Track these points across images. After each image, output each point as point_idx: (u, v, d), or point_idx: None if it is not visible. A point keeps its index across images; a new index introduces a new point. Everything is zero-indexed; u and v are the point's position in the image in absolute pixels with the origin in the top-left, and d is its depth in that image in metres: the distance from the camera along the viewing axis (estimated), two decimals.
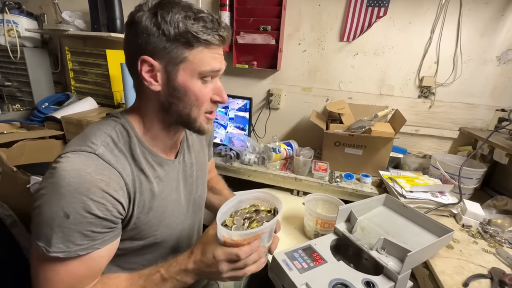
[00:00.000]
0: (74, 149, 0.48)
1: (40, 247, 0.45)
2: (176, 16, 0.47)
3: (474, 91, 1.34)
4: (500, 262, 0.77)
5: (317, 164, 1.30)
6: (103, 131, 0.52)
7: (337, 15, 1.41)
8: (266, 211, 0.56)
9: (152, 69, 0.50)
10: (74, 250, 0.45)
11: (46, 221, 0.44)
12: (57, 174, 0.45)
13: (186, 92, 0.52)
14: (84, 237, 0.46)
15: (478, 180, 1.14)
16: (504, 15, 1.22)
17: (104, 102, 1.79)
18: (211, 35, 0.49)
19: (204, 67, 0.51)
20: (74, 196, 0.44)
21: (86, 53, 1.72)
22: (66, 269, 0.47)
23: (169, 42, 0.48)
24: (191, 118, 0.55)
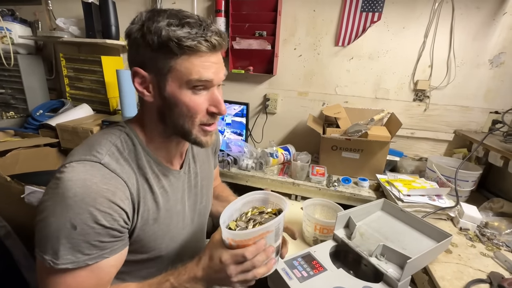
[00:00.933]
0: (79, 159, 0.47)
1: (46, 261, 0.44)
2: (159, 24, 0.45)
3: (468, 94, 1.35)
4: (498, 266, 0.77)
5: (315, 168, 1.30)
6: (108, 140, 0.51)
7: (332, 20, 1.42)
8: (271, 213, 0.56)
9: (144, 80, 0.50)
10: (83, 260, 0.45)
11: (52, 233, 0.44)
12: (62, 185, 0.44)
13: (176, 103, 0.50)
14: (93, 247, 0.45)
15: (474, 183, 1.15)
16: (495, 19, 1.24)
17: (100, 108, 1.78)
18: (196, 41, 0.45)
19: (191, 76, 0.48)
20: (80, 207, 0.43)
21: (81, 59, 1.71)
22: (76, 280, 0.46)
23: (154, 52, 0.47)
24: (185, 130, 0.53)
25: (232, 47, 1.48)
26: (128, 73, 1.50)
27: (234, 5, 1.45)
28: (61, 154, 1.60)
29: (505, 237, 0.91)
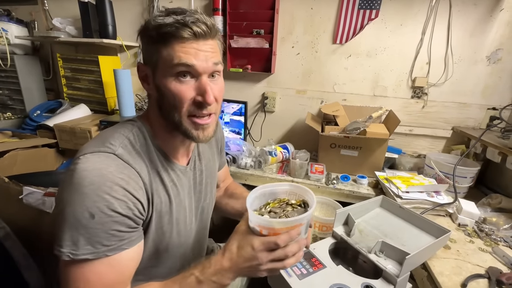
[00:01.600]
0: (92, 151, 0.48)
1: (65, 254, 0.44)
2: (155, 19, 0.49)
3: (466, 90, 1.36)
4: (496, 261, 0.78)
5: (314, 166, 1.30)
6: (121, 133, 0.53)
7: (329, 18, 1.42)
8: (296, 204, 0.56)
9: (145, 74, 0.55)
10: (102, 251, 0.45)
11: (71, 224, 0.44)
12: (77, 175, 0.44)
13: (164, 91, 0.51)
14: (111, 236, 0.46)
15: (472, 179, 1.15)
16: (492, 15, 1.24)
17: (98, 108, 1.77)
18: (174, 27, 0.47)
19: (173, 61, 0.48)
20: (97, 194, 0.44)
21: (78, 59, 1.70)
22: (96, 272, 0.45)
23: (148, 45, 0.52)
24: (175, 121, 0.53)
25: (230, 46, 1.48)
26: (125, 72, 1.51)
27: (232, 4, 1.44)
28: (59, 155, 1.60)
29: (503, 232, 0.91)
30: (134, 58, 1.79)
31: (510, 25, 1.24)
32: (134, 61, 1.79)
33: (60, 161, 1.62)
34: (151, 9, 1.61)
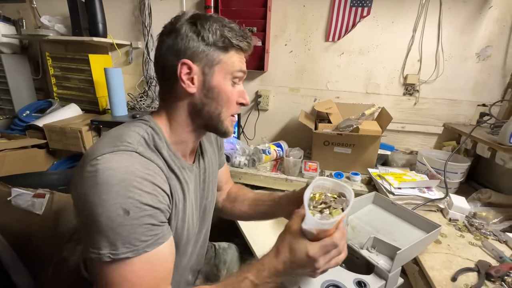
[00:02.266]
0: (111, 150, 0.47)
1: (105, 256, 0.43)
2: (214, 25, 0.53)
3: (456, 87, 1.37)
4: (486, 255, 0.79)
5: (307, 164, 1.30)
6: (136, 131, 0.52)
7: (321, 15, 1.42)
8: (333, 196, 0.56)
9: (190, 72, 0.54)
10: (142, 247, 0.45)
11: (105, 225, 0.43)
12: (102, 175, 0.44)
13: (219, 92, 0.56)
14: (147, 231, 0.46)
15: (462, 174, 1.17)
16: (481, 13, 1.26)
17: (89, 108, 1.74)
18: (242, 42, 0.55)
19: (235, 68, 0.56)
20: (129, 190, 0.44)
21: (68, 58, 1.67)
22: (138, 270, 0.45)
23: (207, 46, 0.53)
24: (220, 119, 0.58)
25: None
26: (116, 71, 1.49)
27: (224, 1, 1.43)
28: (49, 155, 1.57)
29: (492, 226, 0.93)
30: (125, 57, 1.77)
31: (498, 22, 1.26)
32: (125, 60, 1.77)
33: (50, 162, 1.59)
34: (142, 6, 1.59)
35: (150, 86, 1.73)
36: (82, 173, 0.46)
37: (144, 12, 1.59)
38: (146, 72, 1.71)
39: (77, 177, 0.47)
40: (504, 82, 1.32)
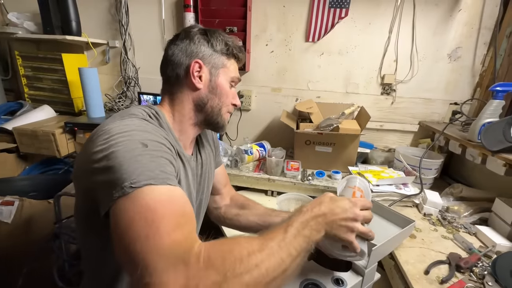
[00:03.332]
0: (121, 119, 0.49)
1: (126, 187, 0.39)
2: (219, 36, 0.64)
3: (430, 87, 1.43)
4: (457, 247, 0.83)
5: (289, 163, 1.31)
6: (141, 109, 0.57)
7: (301, 15, 1.43)
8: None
9: (199, 71, 0.62)
10: (162, 178, 0.43)
11: (125, 159, 0.42)
12: (117, 128, 0.46)
13: (221, 90, 0.64)
14: (166, 165, 0.46)
15: (436, 170, 1.22)
16: (452, 15, 1.32)
17: (64, 110, 1.67)
18: (240, 53, 0.67)
19: (235, 74, 0.67)
20: (145, 131, 0.48)
21: (40, 57, 1.59)
22: (160, 195, 0.41)
23: (215, 52, 0.63)
24: (220, 114, 0.66)
25: None
26: (92, 71, 1.43)
27: (203, 0, 1.41)
28: (20, 160, 1.49)
29: (463, 219, 0.97)
30: (102, 56, 1.70)
31: (467, 25, 1.32)
32: (102, 59, 1.71)
33: (22, 166, 1.51)
34: (119, 4, 1.54)
35: (129, 87, 1.68)
36: (91, 140, 0.47)
37: (121, 11, 1.55)
38: (124, 72, 1.66)
39: (84, 148, 0.49)
40: (473, 81, 1.39)
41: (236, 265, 0.37)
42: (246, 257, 0.38)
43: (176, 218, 0.40)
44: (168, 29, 1.58)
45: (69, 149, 1.44)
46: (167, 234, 0.37)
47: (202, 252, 0.37)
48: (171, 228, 0.38)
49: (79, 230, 0.57)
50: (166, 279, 0.33)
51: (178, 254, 0.36)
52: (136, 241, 0.37)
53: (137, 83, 1.68)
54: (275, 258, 0.40)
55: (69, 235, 1.02)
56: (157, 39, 1.61)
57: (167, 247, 0.36)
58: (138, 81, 1.68)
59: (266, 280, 0.38)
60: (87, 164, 0.45)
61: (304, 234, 0.45)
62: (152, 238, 0.36)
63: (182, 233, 0.39)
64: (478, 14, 1.30)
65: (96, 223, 0.50)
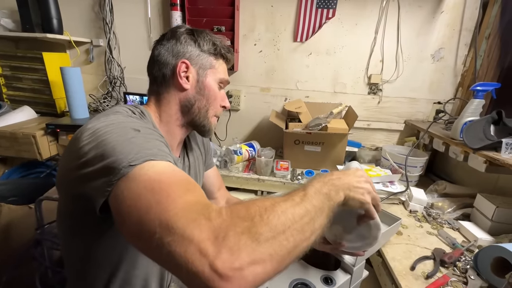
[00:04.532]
0: (105, 117, 0.47)
1: (125, 168, 0.37)
2: (207, 36, 0.63)
3: (415, 86, 1.46)
4: (441, 243, 0.85)
5: (279, 163, 1.31)
6: (123, 109, 0.55)
7: (289, 15, 1.44)
8: None
9: (186, 71, 0.61)
10: (161, 155, 0.41)
11: (117, 141, 0.40)
12: (104, 123, 0.44)
13: (209, 91, 0.63)
14: (162, 146, 0.45)
15: (421, 168, 1.25)
16: (434, 17, 1.35)
17: (45, 111, 1.60)
18: (228, 53, 0.66)
19: (223, 75, 0.66)
20: (133, 122, 0.47)
21: (19, 56, 1.52)
22: (164, 168, 0.39)
23: (202, 52, 0.62)
24: (207, 115, 0.65)
25: None
26: (74, 70, 1.39)
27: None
28: None
29: (447, 215, 1.00)
30: (86, 55, 1.65)
31: (450, 26, 1.36)
32: (86, 59, 1.66)
33: (0, 170, 1.44)
34: (102, 2, 1.49)
35: (114, 87, 1.63)
36: (76, 139, 0.44)
37: (105, 8, 1.50)
38: (109, 71, 1.61)
39: (67, 149, 0.47)
40: (455, 81, 1.44)
41: (262, 212, 0.35)
42: (270, 206, 0.36)
43: (185, 185, 0.38)
44: (154, 28, 1.55)
45: (51, 152, 1.39)
46: (180, 197, 0.35)
47: (223, 208, 0.35)
48: (182, 192, 0.36)
49: (63, 236, 0.55)
50: (191, 234, 0.31)
51: (197, 211, 0.34)
52: (148, 210, 0.34)
53: (123, 83, 1.64)
54: (299, 207, 0.38)
55: (51, 241, 0.98)
56: (143, 38, 1.57)
57: (183, 206, 0.34)
58: (124, 81, 1.64)
59: (295, 227, 0.36)
60: (74, 161, 0.42)
61: (324, 192, 0.43)
62: (165, 202, 0.34)
63: (194, 195, 0.37)
64: (459, 16, 1.34)
65: (86, 225, 0.49)
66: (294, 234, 0.35)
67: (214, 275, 0.29)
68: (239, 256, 0.30)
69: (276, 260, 0.32)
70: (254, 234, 0.32)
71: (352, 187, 0.48)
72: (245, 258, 0.30)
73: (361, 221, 0.56)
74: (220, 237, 0.31)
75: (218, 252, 0.30)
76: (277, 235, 0.33)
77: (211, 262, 0.29)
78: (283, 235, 0.34)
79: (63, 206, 0.52)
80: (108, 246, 0.51)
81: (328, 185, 0.45)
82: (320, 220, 0.40)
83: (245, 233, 0.32)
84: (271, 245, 0.32)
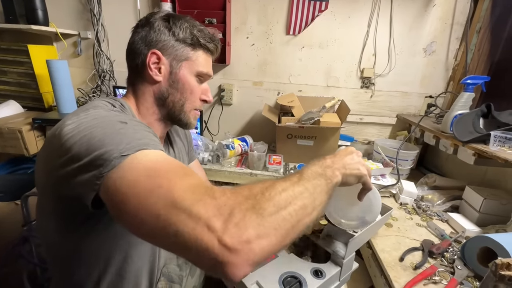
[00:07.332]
0: (85, 112, 0.44)
1: (116, 159, 0.36)
2: (185, 24, 0.58)
3: (407, 80, 1.47)
4: (430, 234, 0.86)
5: (271, 157, 1.31)
6: (103, 101, 0.52)
7: (281, 8, 1.42)
8: None
9: (158, 62, 0.57)
10: (152, 144, 0.40)
11: (105, 135, 0.39)
12: (86, 118, 0.42)
13: (184, 84, 0.60)
14: (153, 136, 0.44)
15: (412, 161, 1.26)
16: (427, 11, 1.35)
17: (32, 105, 1.56)
18: (210, 43, 0.61)
19: (202, 68, 0.61)
20: (118, 113, 0.46)
21: (3, 49, 1.47)
22: (157, 156, 0.38)
23: (177, 42, 0.57)
24: (183, 110, 0.62)
25: None
26: (61, 63, 1.35)
27: None
28: None
29: (436, 207, 1.02)
30: (73, 48, 1.61)
31: (441, 20, 1.36)
32: (73, 51, 1.61)
33: None
34: None
35: (104, 81, 1.59)
36: (54, 136, 0.42)
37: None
38: (98, 65, 1.57)
39: (45, 147, 0.46)
40: (447, 75, 1.45)
41: (264, 190, 0.36)
42: (271, 185, 0.38)
43: (182, 171, 0.37)
44: None
45: (39, 147, 1.36)
46: (181, 180, 0.35)
47: (226, 189, 0.36)
48: (181, 176, 0.36)
49: (47, 236, 0.53)
50: (198, 212, 0.31)
51: (201, 191, 0.34)
52: (148, 195, 0.33)
53: (112, 76, 1.60)
54: (298, 185, 0.40)
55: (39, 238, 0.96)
56: None
57: (187, 187, 0.34)
58: (114, 74, 1.60)
59: (296, 202, 0.37)
60: (55, 160, 0.40)
61: (320, 172, 0.45)
62: (166, 185, 0.34)
63: (194, 179, 0.37)
64: (451, 10, 1.34)
65: (72, 225, 0.47)
66: (297, 209, 0.36)
67: (223, 249, 0.30)
68: (246, 230, 0.31)
69: (281, 234, 0.34)
70: (258, 210, 0.33)
71: (347, 165, 0.50)
72: (251, 232, 0.31)
73: (361, 196, 0.59)
74: (226, 214, 0.32)
75: (226, 227, 0.31)
76: (280, 210, 0.35)
77: (220, 237, 0.30)
78: (285, 210, 0.35)
79: (47, 207, 0.50)
80: (97, 243, 0.50)
81: (322, 167, 0.47)
82: (320, 197, 0.42)
83: (249, 209, 0.33)
84: (275, 219, 0.34)
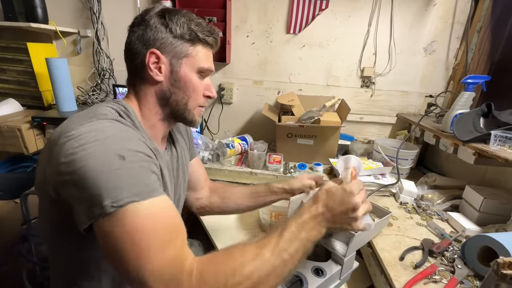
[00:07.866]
0: (89, 121, 0.44)
1: (107, 206, 0.37)
2: (181, 19, 0.55)
3: (407, 80, 1.47)
4: (430, 233, 0.86)
5: (271, 156, 1.31)
6: (109, 107, 0.51)
7: (282, 7, 1.41)
8: None
9: (157, 61, 0.55)
10: (146, 192, 0.41)
11: (101, 172, 0.39)
12: (87, 136, 0.41)
13: (186, 83, 0.58)
14: (147, 175, 0.43)
15: (412, 160, 1.26)
16: (427, 10, 1.35)
17: (32, 103, 1.56)
18: (209, 37, 0.58)
19: (203, 63, 0.58)
20: (122, 139, 0.44)
21: (2, 47, 1.47)
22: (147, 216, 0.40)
23: (175, 39, 0.55)
24: (187, 109, 0.60)
25: None
26: (61, 61, 1.34)
27: None
28: None
29: (436, 207, 1.02)
30: (73, 46, 1.60)
31: (442, 19, 1.36)
32: (73, 50, 1.60)
33: None
34: None
35: (103, 79, 1.59)
36: (56, 145, 0.42)
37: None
38: (98, 63, 1.57)
39: (47, 152, 0.44)
40: (447, 74, 1.45)
41: (228, 279, 0.38)
42: (239, 269, 0.40)
43: (165, 234, 0.40)
44: None
45: (38, 146, 1.35)
46: (158, 252, 0.38)
47: (194, 270, 0.38)
48: (161, 246, 0.39)
49: (48, 237, 0.53)
50: None
51: (171, 273, 0.38)
52: (127, 262, 0.37)
53: (112, 75, 1.60)
54: (266, 266, 0.42)
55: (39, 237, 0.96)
56: None
57: (159, 266, 0.37)
58: (113, 73, 1.60)
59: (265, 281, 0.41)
60: (55, 176, 0.42)
61: (301, 237, 0.46)
62: (143, 259, 0.37)
63: (173, 248, 0.39)
64: (452, 9, 1.34)
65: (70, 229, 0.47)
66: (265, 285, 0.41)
67: None
68: None
69: None
70: None
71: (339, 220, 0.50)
72: None
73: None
74: None
75: None
76: None
77: None
78: None
79: (46, 208, 0.50)
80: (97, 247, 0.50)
81: (310, 225, 0.48)
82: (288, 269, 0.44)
83: None
84: None
